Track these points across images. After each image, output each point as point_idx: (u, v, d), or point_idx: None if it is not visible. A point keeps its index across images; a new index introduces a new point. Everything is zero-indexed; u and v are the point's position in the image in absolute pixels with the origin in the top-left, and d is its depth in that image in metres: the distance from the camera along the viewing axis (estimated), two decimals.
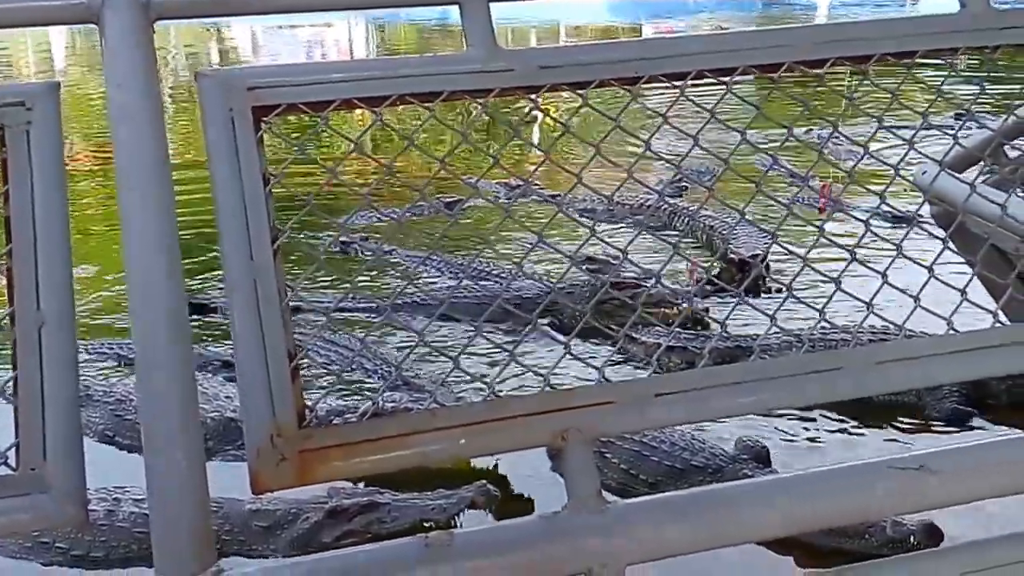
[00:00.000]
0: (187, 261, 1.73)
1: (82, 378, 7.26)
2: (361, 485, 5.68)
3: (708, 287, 7.82)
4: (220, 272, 1.80)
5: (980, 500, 1.77)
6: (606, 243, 2.05)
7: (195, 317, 8.06)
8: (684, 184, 10.88)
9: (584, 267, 8.11)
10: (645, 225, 9.64)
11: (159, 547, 1.51)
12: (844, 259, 1.89)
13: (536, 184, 11.10)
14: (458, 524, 5.29)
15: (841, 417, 6.52)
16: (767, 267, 8.02)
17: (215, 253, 2.10)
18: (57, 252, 1.59)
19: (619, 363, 7.24)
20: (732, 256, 8.76)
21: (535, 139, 12.58)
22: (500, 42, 1.91)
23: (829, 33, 2.03)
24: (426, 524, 5.31)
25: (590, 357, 2.09)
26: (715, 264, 8.56)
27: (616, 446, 5.99)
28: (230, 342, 1.71)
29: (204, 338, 7.80)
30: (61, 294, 1.57)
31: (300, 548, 5.31)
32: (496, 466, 6.03)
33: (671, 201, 10.71)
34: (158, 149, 1.63)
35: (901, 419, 6.54)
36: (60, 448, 1.50)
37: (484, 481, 5.63)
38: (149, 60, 1.68)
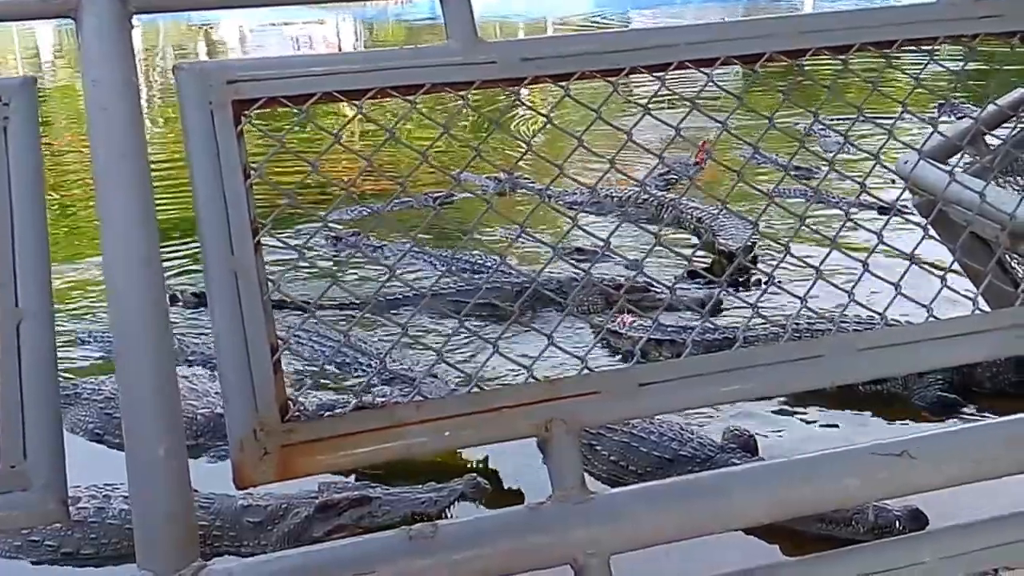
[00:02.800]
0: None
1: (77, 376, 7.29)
2: (352, 479, 5.69)
3: (698, 279, 7.85)
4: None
5: (962, 485, 1.78)
6: (589, 234, 2.05)
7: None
8: (672, 176, 10.91)
9: (572, 258, 8.13)
10: (630, 217, 9.66)
11: (142, 543, 1.51)
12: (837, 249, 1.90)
13: (526, 177, 11.13)
14: (450, 517, 5.30)
15: (825, 405, 6.56)
16: (755, 259, 8.04)
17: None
18: (35, 248, 1.58)
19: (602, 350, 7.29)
20: (722, 248, 8.78)
21: (525, 132, 12.57)
22: (489, 38, 1.91)
23: (809, 23, 2.03)
24: (417, 517, 5.32)
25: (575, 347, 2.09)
26: (691, 258, 8.55)
27: (606, 437, 6.02)
28: None
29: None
30: (40, 290, 1.57)
31: (291, 543, 5.31)
32: (487, 459, 6.05)
33: (658, 193, 10.74)
34: (137, 144, 1.62)
35: (886, 406, 6.58)
36: (41, 445, 1.50)
37: (475, 474, 5.65)
38: (127, 54, 1.67)
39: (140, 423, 1.53)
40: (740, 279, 7.95)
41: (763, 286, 7.57)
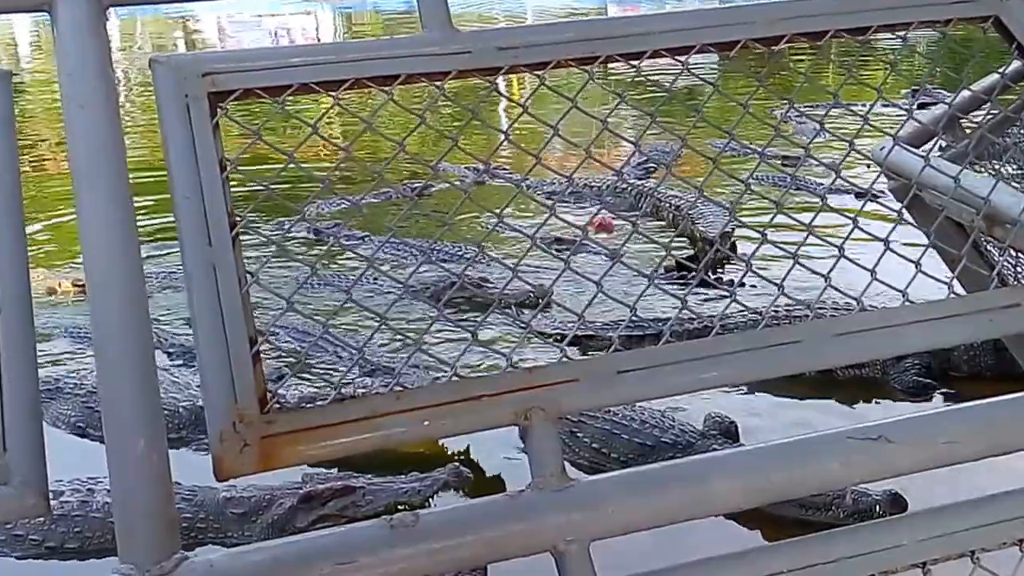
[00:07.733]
0: None
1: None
2: (335, 469, 5.70)
3: (676, 271, 7.88)
4: None
5: (939, 468, 1.80)
6: (565, 222, 2.06)
7: None
8: (651, 165, 10.94)
9: (553, 248, 8.16)
10: (608, 205, 9.68)
11: (123, 536, 1.51)
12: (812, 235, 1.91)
13: (505, 168, 11.12)
14: (432, 506, 5.32)
15: (804, 390, 6.60)
16: (733, 246, 8.07)
17: None
18: (11, 241, 1.57)
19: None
20: (703, 236, 8.82)
21: (509, 119, 12.56)
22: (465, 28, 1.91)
23: (785, 10, 2.04)
24: (400, 507, 5.33)
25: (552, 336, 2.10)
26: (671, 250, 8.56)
27: (587, 425, 6.04)
28: None
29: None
30: (17, 283, 1.56)
31: (275, 533, 5.33)
32: (469, 447, 6.07)
33: (637, 182, 10.78)
34: (113, 138, 1.62)
35: (864, 391, 6.62)
36: (20, 438, 1.49)
37: (457, 463, 5.67)
38: (103, 47, 1.67)
39: (120, 417, 1.53)
40: (716, 276, 7.96)
41: (733, 286, 7.61)
